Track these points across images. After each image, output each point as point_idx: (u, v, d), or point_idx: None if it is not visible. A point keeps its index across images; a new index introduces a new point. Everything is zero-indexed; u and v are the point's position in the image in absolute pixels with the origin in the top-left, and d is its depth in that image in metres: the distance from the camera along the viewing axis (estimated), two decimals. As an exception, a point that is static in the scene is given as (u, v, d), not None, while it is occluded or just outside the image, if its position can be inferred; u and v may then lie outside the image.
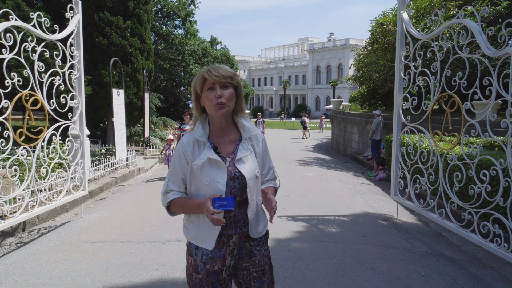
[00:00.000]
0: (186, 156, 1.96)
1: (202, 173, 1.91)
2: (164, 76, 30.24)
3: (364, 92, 18.59)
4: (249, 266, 2.06)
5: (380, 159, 10.65)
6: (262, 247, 2.08)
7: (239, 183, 1.94)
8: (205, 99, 1.92)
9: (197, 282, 1.98)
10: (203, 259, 1.96)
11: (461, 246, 5.12)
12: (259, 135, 2.08)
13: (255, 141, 2.05)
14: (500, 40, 3.96)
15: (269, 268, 2.13)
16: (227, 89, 1.91)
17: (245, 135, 2.02)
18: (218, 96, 1.88)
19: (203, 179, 1.91)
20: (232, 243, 1.98)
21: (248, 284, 2.09)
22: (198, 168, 1.92)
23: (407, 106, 5.63)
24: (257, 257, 2.06)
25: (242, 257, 2.05)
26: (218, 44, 39.56)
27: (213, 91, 1.90)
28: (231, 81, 1.93)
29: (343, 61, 63.63)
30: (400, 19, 5.85)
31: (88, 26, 13.03)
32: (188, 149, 1.96)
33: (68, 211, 6.82)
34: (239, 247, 2.02)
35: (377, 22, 13.59)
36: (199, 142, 1.96)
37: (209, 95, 1.90)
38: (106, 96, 12.47)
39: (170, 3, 28.89)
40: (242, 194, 1.96)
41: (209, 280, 1.96)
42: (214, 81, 1.88)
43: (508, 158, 3.89)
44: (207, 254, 1.95)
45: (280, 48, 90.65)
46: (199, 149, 1.95)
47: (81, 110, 6.18)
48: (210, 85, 1.90)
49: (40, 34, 5.24)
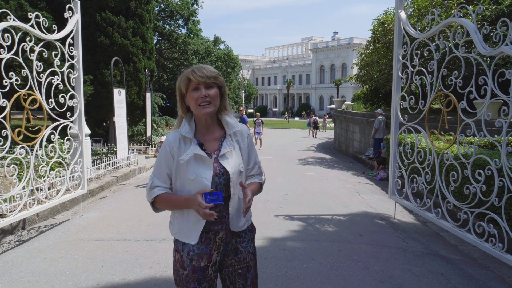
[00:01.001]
0: (172, 152, 1.99)
1: (188, 169, 1.95)
2: (168, 76, 30.34)
3: (366, 92, 18.55)
4: (235, 263, 2.09)
5: (381, 159, 10.64)
6: (248, 244, 2.12)
7: (224, 179, 1.98)
8: (190, 99, 1.96)
9: (184, 278, 2.01)
10: (190, 255, 1.98)
11: (458, 246, 5.11)
12: (244, 130, 2.11)
13: (240, 136, 2.08)
14: (495, 39, 3.95)
15: (254, 264, 2.17)
16: (211, 89, 1.95)
17: (229, 131, 2.05)
18: (203, 96, 1.92)
19: (189, 174, 1.94)
20: (219, 239, 2.01)
21: (233, 280, 2.12)
22: (185, 163, 1.95)
23: (404, 105, 5.62)
24: (243, 254, 2.09)
25: (228, 254, 2.07)
26: (221, 44, 39.62)
27: (197, 91, 1.94)
28: (215, 81, 1.97)
29: (347, 60, 63.46)
30: (397, 18, 5.84)
31: (90, 26, 13.11)
32: (174, 145, 1.99)
33: (68, 209, 6.86)
34: (225, 243, 2.04)
35: (378, 21, 13.57)
36: (185, 138, 1.99)
37: (194, 95, 1.94)
38: (108, 96, 12.53)
39: (173, 3, 28.97)
40: (227, 190, 1.99)
41: (195, 276, 1.98)
42: (198, 81, 1.92)
43: (502, 157, 3.88)
44: (193, 250, 1.98)
45: (284, 48, 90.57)
46: (185, 145, 1.98)
47: (80, 109, 6.22)
48: (195, 86, 1.94)
49: (39, 34, 5.28)
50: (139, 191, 8.14)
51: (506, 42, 3.80)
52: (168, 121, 20.04)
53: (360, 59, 16.80)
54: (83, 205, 6.69)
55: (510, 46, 3.78)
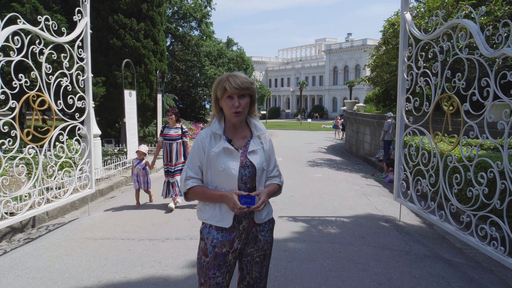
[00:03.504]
0: (204, 147, 2.23)
1: (218, 161, 2.17)
2: (180, 77, 30.60)
3: (378, 93, 18.42)
4: (254, 251, 2.30)
5: (390, 161, 10.54)
6: (267, 233, 2.33)
7: (249, 172, 2.21)
8: (224, 105, 2.20)
9: (205, 265, 2.20)
10: (213, 243, 2.18)
11: (463, 249, 5.06)
12: (267, 135, 2.36)
13: (264, 139, 2.32)
14: (497, 40, 3.91)
15: (269, 253, 2.40)
16: (244, 99, 2.19)
17: (256, 133, 2.30)
18: (236, 106, 2.16)
19: (219, 165, 2.17)
20: (242, 228, 2.22)
21: (250, 270, 2.33)
22: (215, 156, 2.18)
23: (409, 107, 5.60)
24: (261, 242, 2.30)
25: (248, 242, 2.27)
26: (234, 45, 39.79)
27: (232, 100, 2.17)
28: (248, 91, 2.20)
29: (361, 62, 62.95)
30: (403, 20, 5.82)
31: (102, 28, 13.34)
32: (206, 140, 2.23)
33: (77, 208, 7.00)
34: (247, 232, 2.25)
35: (388, 23, 13.48)
36: (215, 134, 2.23)
37: (228, 102, 2.18)
38: (120, 97, 12.70)
39: (186, 5, 29.22)
40: (252, 182, 2.22)
41: (216, 262, 2.18)
42: (233, 92, 2.15)
43: (504, 160, 3.84)
44: (217, 238, 2.18)
45: (297, 49, 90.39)
46: (215, 141, 2.22)
47: (89, 110, 6.34)
48: (229, 94, 2.17)
49: (48, 37, 5.41)
50: (147, 191, 8.25)
51: (508, 44, 3.77)
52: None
53: (372, 60, 16.70)
54: (92, 204, 6.82)
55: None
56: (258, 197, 2.11)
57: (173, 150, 6.68)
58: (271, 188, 2.27)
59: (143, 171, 6.91)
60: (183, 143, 6.77)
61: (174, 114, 6.71)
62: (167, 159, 6.73)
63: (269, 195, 2.21)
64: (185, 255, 4.41)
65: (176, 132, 6.70)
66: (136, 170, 6.92)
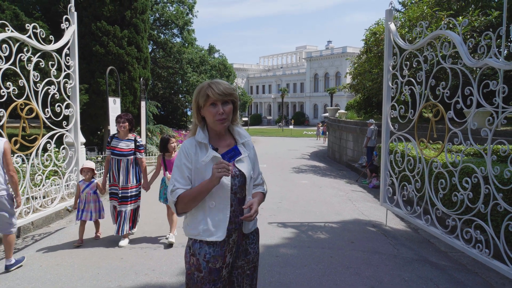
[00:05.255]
0: (189, 157, 2.12)
1: (207, 170, 2.07)
2: (162, 84, 30.43)
3: (360, 100, 18.76)
4: (244, 264, 2.23)
5: (374, 167, 10.76)
6: (256, 245, 2.28)
7: (239, 181, 2.13)
8: (207, 113, 2.11)
9: (199, 280, 2.11)
10: (206, 258, 2.09)
11: (448, 252, 5.21)
12: (251, 142, 2.31)
13: (247, 147, 2.26)
14: (480, 51, 4.10)
15: (258, 265, 2.35)
16: (227, 105, 2.11)
17: (241, 140, 2.23)
18: (221, 113, 2.08)
19: (208, 175, 2.06)
20: (232, 241, 2.15)
21: (241, 282, 2.25)
22: (204, 166, 2.08)
23: (395, 114, 5.76)
24: (252, 255, 2.25)
25: (239, 255, 2.21)
26: (216, 52, 39.81)
27: (215, 107, 2.08)
28: (231, 97, 2.12)
29: (341, 69, 63.91)
30: (387, 30, 6.00)
31: (85, 36, 13.22)
32: (191, 151, 2.13)
33: (63, 218, 6.89)
34: (237, 245, 2.19)
35: (370, 31, 13.80)
36: (200, 144, 2.14)
37: (211, 110, 2.09)
38: (103, 104, 12.61)
39: (168, 12, 29.19)
40: (241, 191, 2.15)
41: (211, 278, 2.10)
42: (216, 99, 2.07)
43: (488, 165, 4.01)
44: (209, 253, 2.09)
45: (278, 56, 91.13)
46: (201, 151, 2.13)
47: (76, 118, 6.29)
48: (212, 101, 2.08)
49: (36, 45, 5.38)
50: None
51: (490, 55, 3.95)
52: (163, 129, 20.07)
53: (353, 68, 17.02)
54: (78, 213, 6.70)
55: (494, 58, 3.93)
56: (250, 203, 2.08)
57: (121, 169, 5.11)
58: (259, 197, 2.25)
59: (94, 195, 5.26)
60: (135, 160, 5.21)
61: (128, 121, 5.14)
62: (114, 178, 5.18)
63: (259, 204, 2.18)
64: (178, 262, 4.41)
65: (127, 145, 5.16)
66: (85, 195, 5.20)
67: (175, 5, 30.19)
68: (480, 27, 10.45)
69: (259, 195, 2.28)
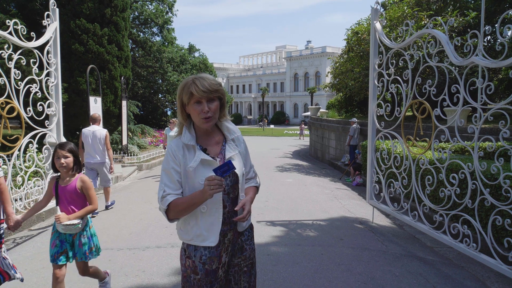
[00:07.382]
0: (178, 160, 2.01)
1: (196, 175, 1.98)
2: (142, 84, 30.04)
3: (341, 99, 18.93)
4: (241, 261, 2.17)
5: (357, 165, 10.88)
6: (251, 241, 2.22)
7: (231, 181, 2.04)
8: (192, 111, 1.99)
9: (196, 282, 2.04)
10: (202, 260, 2.02)
11: (434, 247, 5.30)
12: (241, 136, 2.21)
13: (237, 142, 2.17)
14: (466, 49, 4.18)
15: (255, 261, 2.28)
16: (213, 102, 1.99)
17: (230, 137, 2.13)
18: (206, 112, 1.96)
19: (198, 179, 1.97)
20: (227, 241, 2.08)
21: (238, 280, 2.18)
22: (193, 170, 1.98)
23: (381, 112, 5.83)
24: (248, 252, 2.18)
25: (235, 253, 2.15)
26: (196, 52, 39.55)
27: (200, 104, 1.96)
28: (217, 94, 2.00)
29: (320, 69, 64.53)
30: (373, 29, 6.07)
31: (64, 33, 12.88)
32: (178, 153, 2.01)
33: (44, 220, 6.70)
34: (232, 243, 2.12)
35: (352, 31, 13.94)
36: (188, 146, 2.02)
37: (196, 108, 1.97)
38: (83, 104, 12.34)
39: (147, 11, 28.82)
40: (234, 191, 2.07)
41: (208, 280, 2.03)
42: (201, 96, 1.94)
43: (475, 161, 4.09)
44: (205, 254, 2.02)
45: (258, 56, 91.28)
46: (189, 153, 2.01)
47: (58, 117, 6.14)
48: (197, 99, 1.96)
49: (17, 42, 5.21)
50: (117, 200, 8.04)
51: (476, 53, 4.04)
52: (144, 129, 19.81)
53: (335, 67, 17.16)
54: (60, 215, 6.53)
55: (480, 56, 4.02)
56: (243, 204, 2.01)
57: None
58: (252, 194, 2.17)
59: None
60: None
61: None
62: None
63: (252, 202, 2.10)
64: (168, 263, 4.35)
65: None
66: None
67: (154, 3, 29.82)
68: (458, 27, 10.70)
69: (252, 190, 2.20)
